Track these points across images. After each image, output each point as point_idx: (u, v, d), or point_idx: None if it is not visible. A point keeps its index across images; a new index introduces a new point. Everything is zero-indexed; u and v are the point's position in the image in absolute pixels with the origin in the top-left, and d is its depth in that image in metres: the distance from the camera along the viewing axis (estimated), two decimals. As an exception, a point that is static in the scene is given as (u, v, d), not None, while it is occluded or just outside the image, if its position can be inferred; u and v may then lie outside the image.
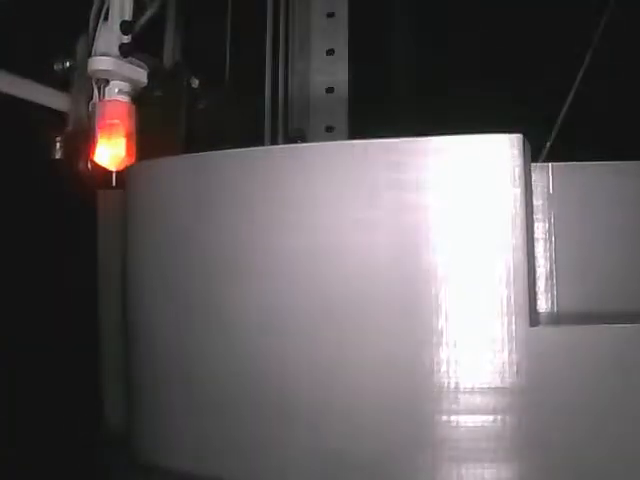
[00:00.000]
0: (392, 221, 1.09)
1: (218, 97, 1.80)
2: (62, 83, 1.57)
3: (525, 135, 1.09)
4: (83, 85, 1.54)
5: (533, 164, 1.15)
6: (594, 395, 1.05)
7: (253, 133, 1.99)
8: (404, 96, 2.16)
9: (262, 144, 2.04)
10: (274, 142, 2.07)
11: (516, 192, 1.07)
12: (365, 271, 1.09)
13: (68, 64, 1.56)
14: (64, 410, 1.43)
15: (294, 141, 2.03)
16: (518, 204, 1.07)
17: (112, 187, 1.53)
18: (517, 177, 1.07)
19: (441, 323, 1.06)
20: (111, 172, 1.52)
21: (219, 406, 1.15)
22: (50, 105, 1.57)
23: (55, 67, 1.56)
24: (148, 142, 1.52)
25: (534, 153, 1.16)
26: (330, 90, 2.12)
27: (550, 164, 1.19)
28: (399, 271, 1.08)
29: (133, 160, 1.50)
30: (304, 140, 2.03)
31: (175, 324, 1.20)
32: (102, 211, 1.56)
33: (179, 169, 1.25)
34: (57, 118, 1.57)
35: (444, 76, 2.09)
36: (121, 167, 1.50)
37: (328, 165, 1.13)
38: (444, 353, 1.06)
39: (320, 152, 1.16)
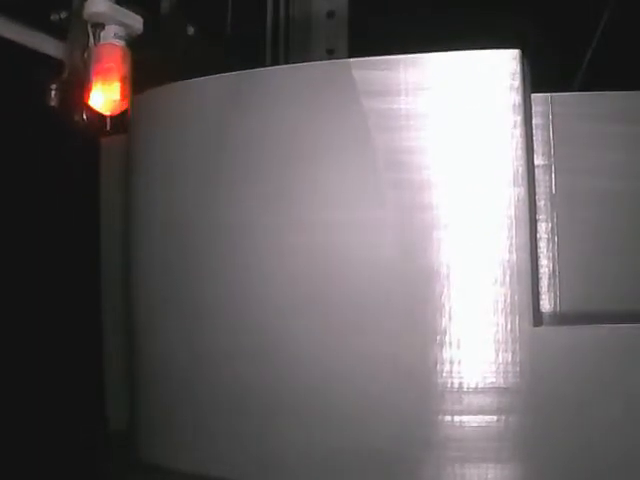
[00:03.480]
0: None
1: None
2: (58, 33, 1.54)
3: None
4: (79, 33, 1.52)
5: (533, 95, 1.13)
6: (597, 395, 1.06)
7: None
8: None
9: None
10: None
11: (515, 118, 1.07)
12: (367, 267, 1.09)
13: (64, 14, 1.53)
14: (66, 410, 1.44)
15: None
16: (518, 118, 1.07)
17: (110, 133, 1.53)
18: (516, 98, 1.07)
19: (444, 323, 1.07)
20: (106, 119, 1.52)
21: (223, 406, 1.16)
22: (46, 51, 1.55)
23: (52, 17, 1.54)
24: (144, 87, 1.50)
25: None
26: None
27: (550, 94, 1.17)
28: (402, 269, 1.08)
29: (127, 105, 1.48)
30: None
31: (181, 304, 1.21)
32: (105, 161, 1.54)
33: (189, 93, 1.24)
34: (53, 65, 1.54)
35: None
36: (115, 111, 1.50)
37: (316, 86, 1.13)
38: (447, 353, 1.07)
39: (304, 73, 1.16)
